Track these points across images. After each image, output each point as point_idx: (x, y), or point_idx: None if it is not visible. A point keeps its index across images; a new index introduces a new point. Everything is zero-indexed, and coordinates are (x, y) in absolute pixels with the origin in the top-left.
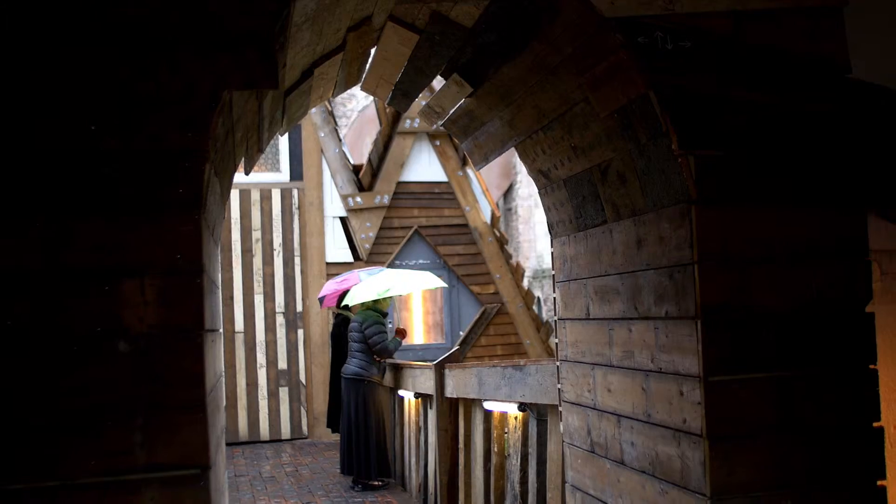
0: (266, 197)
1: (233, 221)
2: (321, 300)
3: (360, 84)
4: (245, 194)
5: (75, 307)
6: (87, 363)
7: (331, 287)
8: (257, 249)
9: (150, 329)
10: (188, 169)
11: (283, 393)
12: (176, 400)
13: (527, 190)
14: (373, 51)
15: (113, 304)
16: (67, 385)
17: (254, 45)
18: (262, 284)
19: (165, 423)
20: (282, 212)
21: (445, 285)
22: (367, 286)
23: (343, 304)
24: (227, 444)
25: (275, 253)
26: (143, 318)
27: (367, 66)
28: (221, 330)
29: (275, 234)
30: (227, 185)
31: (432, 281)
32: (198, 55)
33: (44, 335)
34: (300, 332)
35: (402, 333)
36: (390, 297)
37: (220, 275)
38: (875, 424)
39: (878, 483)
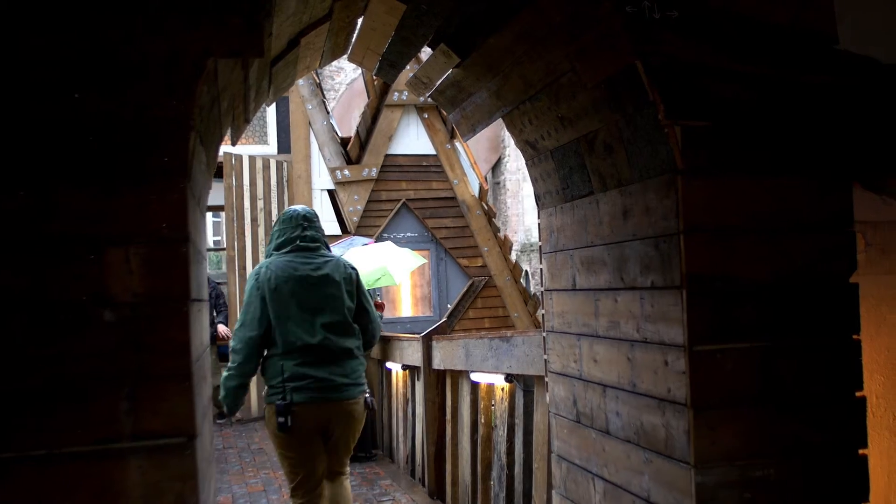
0: (266, 166)
1: (244, 188)
2: None
3: (347, 54)
4: (252, 161)
5: (60, 276)
6: (72, 332)
7: None
8: (261, 219)
9: (135, 298)
10: (173, 137)
11: None
12: (162, 369)
13: (515, 164)
14: (360, 21)
15: (98, 272)
16: (53, 354)
17: (238, 11)
18: (266, 256)
19: (152, 392)
20: (276, 183)
21: (425, 260)
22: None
23: None
24: (247, 421)
25: (273, 225)
26: (129, 287)
27: (355, 36)
28: (208, 300)
29: (273, 206)
30: (214, 155)
31: (415, 259)
32: (182, 21)
33: (29, 304)
34: None
35: (380, 307)
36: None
37: (235, 242)
38: (858, 394)
39: (860, 452)
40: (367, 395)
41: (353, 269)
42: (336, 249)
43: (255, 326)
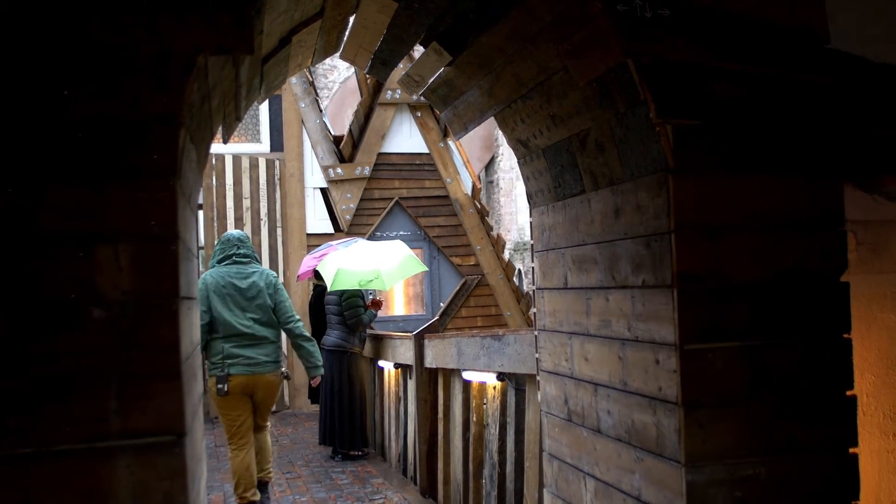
0: (254, 165)
1: (227, 188)
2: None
3: (339, 52)
4: (237, 160)
5: (48, 273)
6: (60, 329)
7: (309, 262)
8: (247, 218)
9: (124, 296)
10: (163, 135)
11: None
12: (151, 367)
13: (508, 163)
14: (352, 19)
15: (87, 270)
16: (41, 351)
17: (228, 8)
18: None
19: (140, 390)
20: (266, 182)
21: (426, 268)
22: (350, 273)
23: (330, 286)
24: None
25: (261, 223)
26: (118, 285)
27: (346, 34)
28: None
29: (261, 204)
30: (204, 152)
31: (414, 266)
32: (172, 19)
33: (17, 301)
34: None
35: (377, 305)
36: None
37: (216, 241)
38: (848, 393)
39: (851, 451)
40: (283, 370)
41: (275, 276)
42: (340, 246)
43: (202, 317)
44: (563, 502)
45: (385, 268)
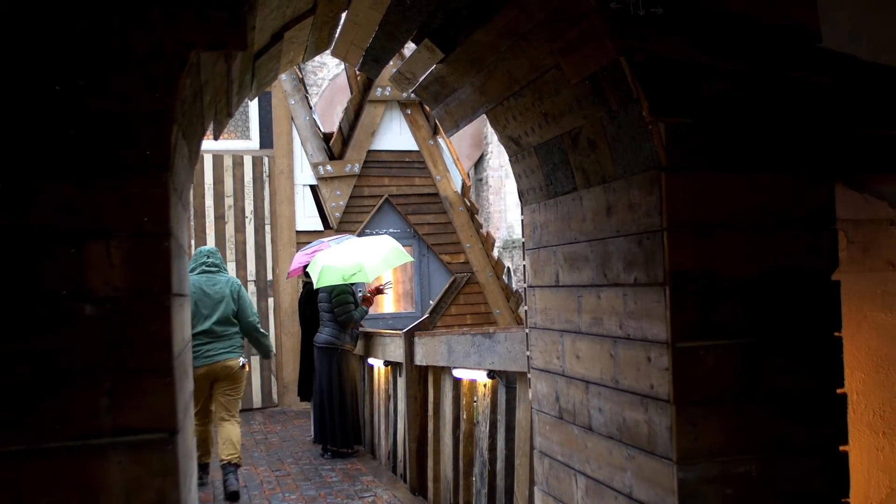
0: (238, 163)
1: (206, 187)
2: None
3: (330, 49)
4: (218, 159)
5: (40, 270)
6: (52, 326)
7: (300, 259)
8: (230, 216)
9: (116, 292)
10: (155, 131)
11: (254, 362)
12: (143, 364)
13: (498, 160)
14: (344, 15)
15: (79, 266)
16: (32, 348)
17: (221, 4)
18: (234, 252)
19: (132, 387)
20: (253, 179)
21: (412, 259)
22: (334, 269)
23: (315, 283)
24: None
25: (246, 220)
26: (110, 281)
27: (338, 30)
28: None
29: (246, 202)
30: (196, 149)
31: (399, 257)
32: (165, 14)
33: (7, 298)
34: (270, 300)
35: (368, 302)
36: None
37: (192, 240)
38: (839, 391)
39: (841, 449)
40: (243, 359)
41: (238, 284)
42: (332, 242)
43: None
44: (554, 500)
45: (368, 261)
